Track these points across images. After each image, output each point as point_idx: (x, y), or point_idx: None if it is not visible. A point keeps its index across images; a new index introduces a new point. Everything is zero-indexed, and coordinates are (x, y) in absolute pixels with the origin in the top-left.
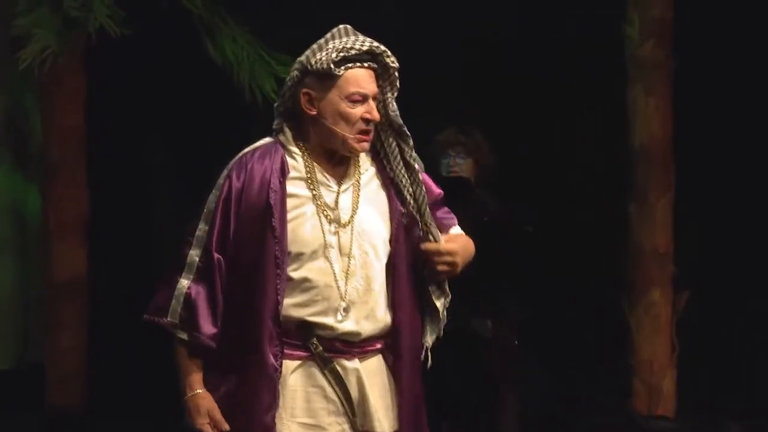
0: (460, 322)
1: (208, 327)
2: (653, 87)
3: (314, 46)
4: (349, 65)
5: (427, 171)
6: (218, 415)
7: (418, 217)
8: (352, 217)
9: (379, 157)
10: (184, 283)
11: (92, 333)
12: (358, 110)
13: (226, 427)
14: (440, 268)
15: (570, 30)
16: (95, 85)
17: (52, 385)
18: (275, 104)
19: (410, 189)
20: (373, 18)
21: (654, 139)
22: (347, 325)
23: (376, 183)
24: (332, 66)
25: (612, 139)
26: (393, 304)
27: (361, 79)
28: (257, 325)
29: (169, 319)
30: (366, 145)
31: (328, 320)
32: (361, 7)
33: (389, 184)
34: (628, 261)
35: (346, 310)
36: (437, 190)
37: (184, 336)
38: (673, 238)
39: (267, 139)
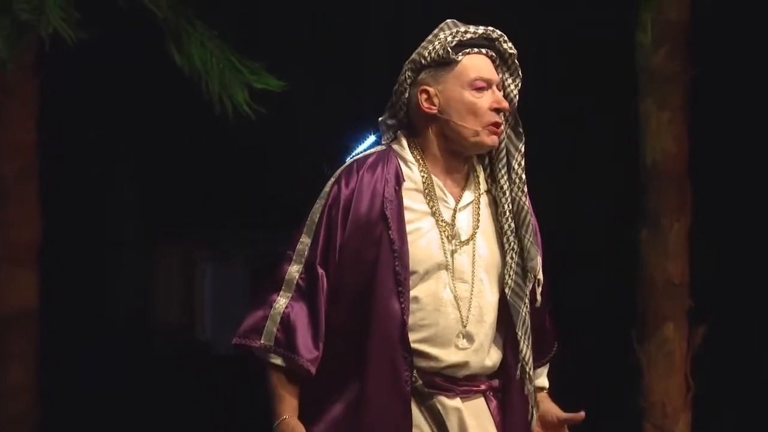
0: None
1: (308, 351)
2: (667, 99)
3: (423, 43)
4: (467, 50)
5: None
6: None
7: (513, 241)
8: (470, 238)
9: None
10: (282, 302)
11: (45, 368)
12: (485, 99)
13: None
14: None
15: (573, 37)
16: (48, 95)
17: (0, 428)
18: (380, 119)
19: (509, 204)
20: (364, 21)
21: (667, 157)
22: (455, 356)
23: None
24: (449, 51)
25: (621, 158)
26: (505, 342)
27: (480, 64)
28: (384, 348)
29: (262, 342)
30: (497, 139)
31: (433, 350)
32: (349, 8)
33: None
34: (639, 292)
35: (467, 338)
36: (538, 236)
37: (278, 361)
38: (689, 268)
39: (379, 147)
